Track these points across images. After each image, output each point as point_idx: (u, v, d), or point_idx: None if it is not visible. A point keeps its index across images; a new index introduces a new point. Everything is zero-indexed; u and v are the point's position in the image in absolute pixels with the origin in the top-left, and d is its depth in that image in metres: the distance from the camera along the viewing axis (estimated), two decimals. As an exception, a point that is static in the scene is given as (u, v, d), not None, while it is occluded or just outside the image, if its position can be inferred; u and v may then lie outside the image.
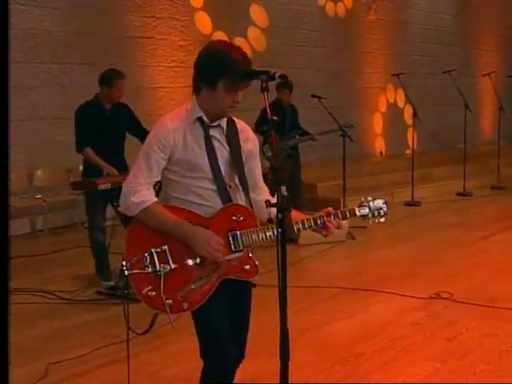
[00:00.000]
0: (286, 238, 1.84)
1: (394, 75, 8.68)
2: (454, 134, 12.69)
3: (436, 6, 12.93)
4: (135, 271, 2.45)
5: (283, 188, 1.88)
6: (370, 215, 2.65)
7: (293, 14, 10.41)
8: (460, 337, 4.16)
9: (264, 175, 2.69)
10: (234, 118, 2.59)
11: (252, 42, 9.85)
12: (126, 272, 2.45)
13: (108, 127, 5.30)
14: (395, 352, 3.95)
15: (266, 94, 2.16)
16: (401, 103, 12.26)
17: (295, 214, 2.56)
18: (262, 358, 3.34)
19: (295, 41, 10.36)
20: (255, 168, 2.64)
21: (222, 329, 2.51)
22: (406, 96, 8.81)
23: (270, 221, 2.40)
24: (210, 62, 2.40)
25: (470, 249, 6.53)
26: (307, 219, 2.51)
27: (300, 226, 2.49)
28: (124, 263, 2.45)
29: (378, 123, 12.04)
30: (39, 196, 7.42)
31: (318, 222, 2.51)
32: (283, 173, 1.95)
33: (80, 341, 4.18)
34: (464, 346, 4.01)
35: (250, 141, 2.60)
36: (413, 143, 9.25)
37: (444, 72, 9.35)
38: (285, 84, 6.88)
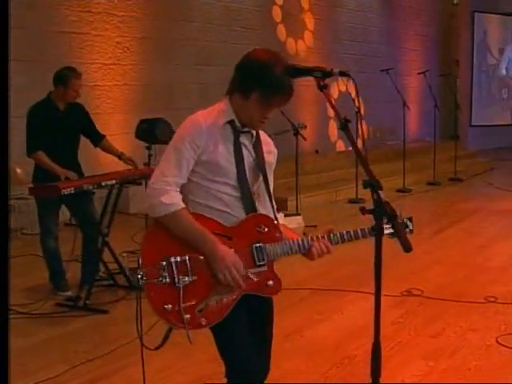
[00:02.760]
0: (406, 248, 1.68)
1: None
2: (384, 131, 12.97)
3: (363, 4, 13.12)
4: (151, 281, 2.25)
5: (381, 193, 1.73)
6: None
7: (228, 11, 10.26)
8: (444, 333, 4.16)
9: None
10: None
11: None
12: (141, 282, 2.25)
13: (62, 128, 4.95)
14: (385, 352, 3.83)
15: (325, 91, 2.01)
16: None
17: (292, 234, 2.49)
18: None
19: (231, 38, 10.20)
20: (270, 181, 2.51)
21: (245, 347, 2.35)
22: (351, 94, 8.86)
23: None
24: (249, 70, 2.26)
25: (425, 245, 6.59)
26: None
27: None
28: (140, 271, 2.25)
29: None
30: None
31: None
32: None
33: (50, 359, 3.84)
34: (450, 342, 4.01)
35: (271, 153, 2.50)
36: (357, 139, 9.27)
37: (382, 70, 9.48)
38: None
